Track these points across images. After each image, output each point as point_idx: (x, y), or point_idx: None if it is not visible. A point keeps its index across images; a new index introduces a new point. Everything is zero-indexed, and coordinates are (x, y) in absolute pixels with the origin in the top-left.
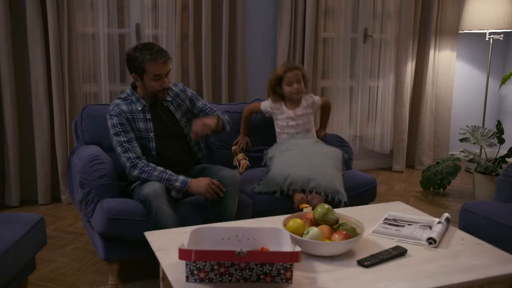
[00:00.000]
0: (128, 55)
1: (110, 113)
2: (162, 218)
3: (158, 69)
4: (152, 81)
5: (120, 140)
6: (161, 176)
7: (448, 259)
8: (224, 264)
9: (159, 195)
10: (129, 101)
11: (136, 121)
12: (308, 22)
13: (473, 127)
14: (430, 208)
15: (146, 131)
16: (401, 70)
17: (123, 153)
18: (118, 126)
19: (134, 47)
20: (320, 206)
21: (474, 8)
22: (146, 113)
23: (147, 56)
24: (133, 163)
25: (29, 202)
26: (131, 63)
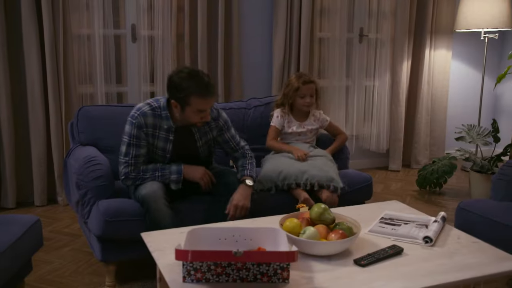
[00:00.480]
0: (173, 82)
1: (133, 119)
2: (160, 219)
3: (204, 104)
4: (194, 114)
5: (128, 152)
6: (155, 175)
7: (444, 258)
8: (221, 264)
9: (158, 196)
10: (158, 113)
11: (156, 138)
12: (304, 22)
13: (469, 126)
14: (427, 207)
15: (163, 150)
16: (397, 69)
17: (124, 163)
18: (134, 138)
19: (181, 74)
20: (317, 206)
21: (469, 7)
22: (169, 134)
23: (196, 91)
24: (127, 176)
25: (26, 204)
26: (175, 91)
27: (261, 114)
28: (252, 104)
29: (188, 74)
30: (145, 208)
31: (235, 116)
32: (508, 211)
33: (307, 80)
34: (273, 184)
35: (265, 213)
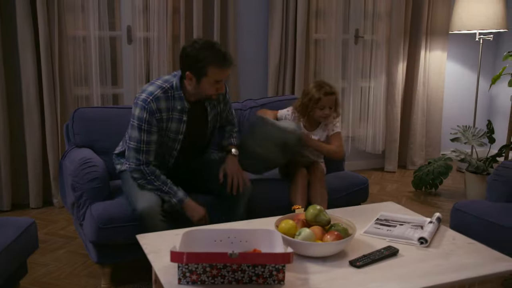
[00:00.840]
0: (189, 53)
1: (145, 104)
2: None
3: (221, 75)
4: (210, 85)
5: (140, 137)
6: (160, 188)
7: (439, 259)
8: (216, 266)
9: (155, 213)
10: (170, 95)
11: (170, 121)
12: (300, 23)
13: (464, 127)
14: (422, 208)
15: (177, 132)
16: (392, 70)
17: (135, 151)
18: (145, 124)
19: (196, 45)
20: (312, 207)
21: (464, 8)
22: (183, 114)
23: (213, 60)
24: (139, 167)
25: (21, 206)
26: (192, 62)
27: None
28: (247, 105)
29: (204, 45)
30: (140, 222)
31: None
32: (503, 211)
33: (329, 92)
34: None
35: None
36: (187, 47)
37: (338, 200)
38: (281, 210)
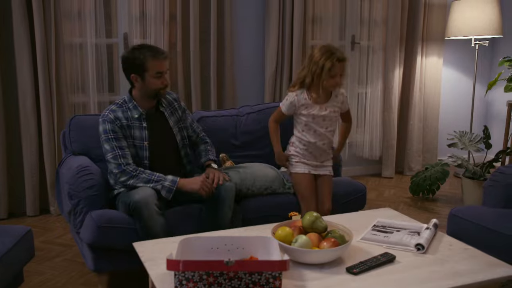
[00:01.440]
0: (126, 56)
1: (104, 118)
2: (152, 226)
3: (160, 66)
4: (154, 78)
5: (112, 146)
6: (150, 178)
7: (436, 265)
8: (213, 274)
9: (150, 202)
10: (126, 108)
11: (132, 129)
12: (296, 30)
13: (461, 133)
14: (420, 213)
15: (141, 139)
16: (389, 76)
17: (113, 159)
18: (111, 133)
19: (130, 49)
20: (309, 214)
21: (459, 15)
22: (142, 121)
23: (148, 53)
24: (122, 169)
25: (18, 214)
26: (131, 63)
27: (253, 121)
28: (244, 111)
29: (136, 46)
30: (136, 214)
31: (227, 124)
32: (500, 217)
33: (341, 57)
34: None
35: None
36: (124, 54)
37: (336, 206)
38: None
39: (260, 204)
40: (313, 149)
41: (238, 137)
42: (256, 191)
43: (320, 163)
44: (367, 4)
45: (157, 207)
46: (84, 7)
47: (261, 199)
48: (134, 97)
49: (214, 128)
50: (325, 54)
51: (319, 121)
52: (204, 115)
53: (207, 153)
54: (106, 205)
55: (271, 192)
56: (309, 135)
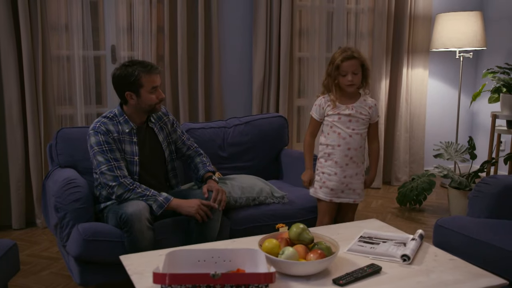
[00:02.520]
0: (119, 74)
1: (95, 129)
2: (141, 240)
3: (154, 80)
4: (150, 94)
5: (106, 158)
6: (145, 194)
7: (421, 276)
8: (200, 287)
9: (143, 216)
10: (116, 121)
11: (123, 143)
12: (283, 42)
13: (447, 143)
14: (407, 224)
15: (132, 154)
16: (375, 88)
17: (109, 171)
18: (105, 144)
19: (121, 66)
20: (295, 226)
21: (444, 27)
22: (132, 136)
23: (142, 69)
24: (120, 182)
25: (3, 227)
26: (125, 81)
27: (240, 133)
28: (231, 123)
29: (128, 63)
30: (127, 227)
31: (215, 135)
32: (484, 227)
33: (349, 55)
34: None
35: (245, 232)
36: (115, 72)
37: None
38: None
39: (247, 215)
40: (339, 157)
41: (226, 149)
42: (244, 203)
43: (346, 186)
44: (353, 17)
45: (148, 221)
46: (71, 19)
47: (249, 210)
48: (125, 112)
49: (201, 140)
50: (338, 52)
51: (345, 121)
52: (192, 127)
53: (204, 165)
54: (92, 218)
55: (258, 204)
56: (333, 137)
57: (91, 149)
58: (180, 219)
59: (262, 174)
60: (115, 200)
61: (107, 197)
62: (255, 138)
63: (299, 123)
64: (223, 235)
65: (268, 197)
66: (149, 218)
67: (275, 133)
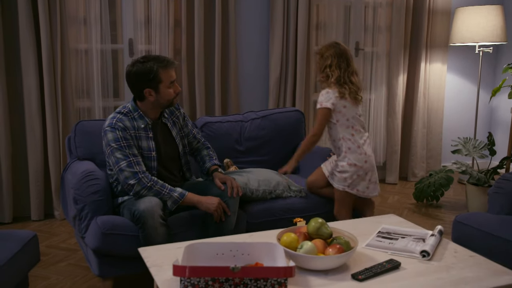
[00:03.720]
0: (136, 71)
1: (112, 126)
2: (155, 236)
3: (172, 75)
4: (168, 88)
5: (125, 154)
6: (161, 191)
7: (441, 272)
8: (219, 280)
9: (156, 212)
10: (131, 117)
11: (139, 139)
12: (300, 36)
13: (465, 139)
14: (424, 220)
15: (148, 150)
16: (393, 82)
17: (128, 167)
18: (123, 140)
19: (137, 64)
20: (314, 220)
21: (463, 21)
22: (148, 131)
23: (159, 65)
24: (139, 178)
25: (22, 218)
26: (144, 77)
27: (257, 127)
28: (248, 117)
29: (144, 59)
30: (140, 223)
31: (232, 129)
32: (505, 224)
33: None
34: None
35: (261, 226)
36: (131, 69)
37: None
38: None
39: (264, 208)
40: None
41: (243, 143)
42: (261, 195)
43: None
44: (371, 11)
45: (161, 217)
46: (90, 13)
47: (265, 203)
48: (139, 107)
49: (218, 134)
50: (343, 46)
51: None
52: (208, 121)
53: (211, 158)
54: (110, 210)
55: (275, 197)
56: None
57: (108, 147)
58: (196, 213)
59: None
60: (132, 196)
61: (124, 191)
62: (272, 132)
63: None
64: (240, 228)
65: (285, 191)
66: (162, 214)
67: (292, 127)
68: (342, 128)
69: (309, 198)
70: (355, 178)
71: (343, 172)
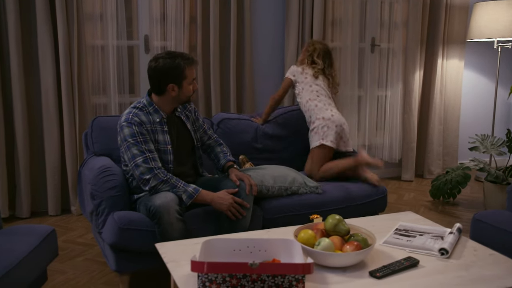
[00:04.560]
0: (163, 66)
1: (129, 121)
2: (171, 232)
3: (194, 72)
4: (189, 85)
5: (141, 149)
6: (176, 184)
7: (460, 270)
8: (236, 276)
9: (171, 208)
10: (147, 111)
11: (155, 133)
12: (316, 32)
13: (483, 136)
14: (440, 217)
15: (164, 143)
16: (409, 79)
17: (144, 163)
18: (139, 136)
19: (162, 60)
20: (331, 217)
21: (482, 17)
22: (163, 125)
23: (186, 62)
24: (155, 173)
25: (39, 214)
26: (171, 73)
27: (274, 124)
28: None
29: (170, 55)
30: (156, 219)
31: (248, 126)
32: None
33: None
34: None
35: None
36: (157, 64)
37: (357, 207)
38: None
39: (279, 205)
40: None
41: (259, 140)
42: (276, 192)
43: None
44: (387, 6)
45: (178, 212)
46: (106, 9)
47: (281, 200)
48: (154, 102)
49: (235, 131)
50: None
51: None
52: (225, 117)
53: (225, 154)
54: (127, 206)
55: (291, 193)
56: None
57: (124, 142)
58: (211, 209)
59: (295, 166)
60: (147, 191)
61: (139, 187)
62: (288, 130)
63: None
64: (255, 225)
65: (301, 187)
66: (179, 209)
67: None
68: (307, 93)
69: (325, 195)
70: (325, 130)
71: (315, 129)
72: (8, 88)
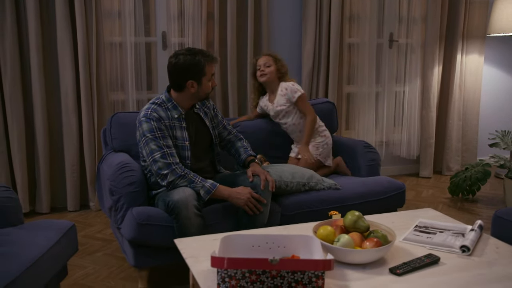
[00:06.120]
0: (184, 63)
1: (147, 116)
2: (189, 227)
3: (213, 69)
4: (209, 82)
5: (159, 145)
6: (194, 180)
7: (483, 268)
8: (256, 271)
9: (190, 203)
10: (165, 107)
11: (174, 129)
12: (333, 28)
13: (503, 132)
14: (460, 214)
15: (182, 139)
16: (427, 74)
17: (162, 158)
18: (158, 131)
19: (183, 57)
20: (351, 214)
21: (502, 11)
22: (181, 121)
23: (206, 58)
24: (172, 169)
25: (59, 209)
26: (191, 69)
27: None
28: None
29: (191, 51)
30: (175, 214)
31: (264, 122)
32: None
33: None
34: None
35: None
36: (178, 60)
37: (374, 203)
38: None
39: (297, 201)
40: None
41: (276, 138)
42: (295, 188)
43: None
44: (406, 1)
45: (196, 208)
46: (124, 6)
47: (299, 195)
48: (173, 98)
49: (252, 128)
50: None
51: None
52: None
53: (246, 149)
54: (146, 202)
55: (308, 189)
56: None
57: (143, 137)
58: (229, 204)
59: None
60: (164, 187)
61: (157, 183)
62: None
63: (348, 110)
64: (274, 221)
65: (318, 183)
66: (197, 204)
67: (324, 119)
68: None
69: (343, 191)
70: (329, 150)
71: (322, 144)
72: (28, 85)
